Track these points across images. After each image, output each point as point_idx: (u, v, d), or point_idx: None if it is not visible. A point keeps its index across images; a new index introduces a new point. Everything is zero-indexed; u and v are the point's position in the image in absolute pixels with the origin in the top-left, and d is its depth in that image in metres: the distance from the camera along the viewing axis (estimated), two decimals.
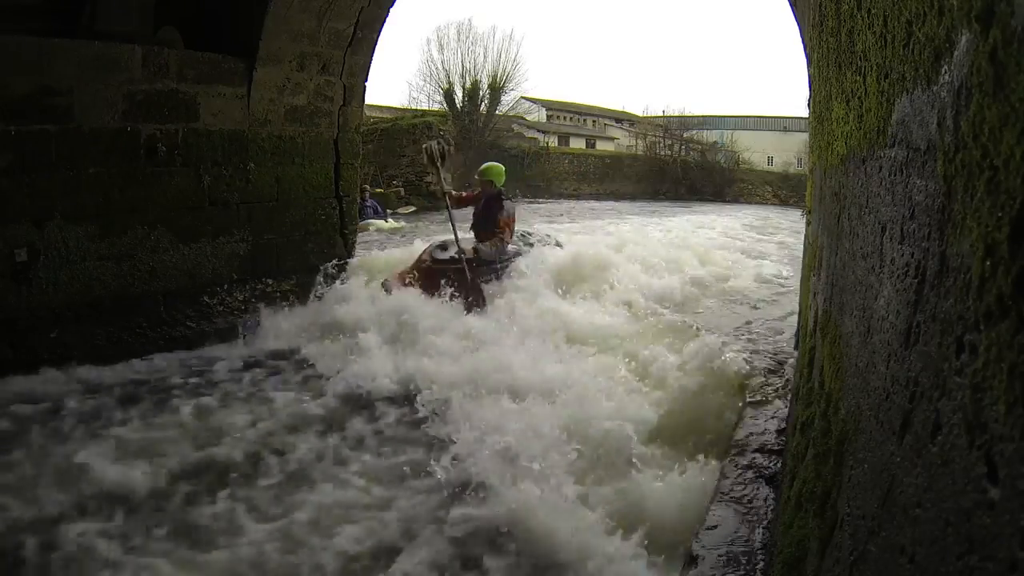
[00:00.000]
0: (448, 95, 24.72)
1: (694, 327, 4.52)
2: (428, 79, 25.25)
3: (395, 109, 22.99)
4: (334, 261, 5.57)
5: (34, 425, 3.28)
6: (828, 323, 1.48)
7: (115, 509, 2.57)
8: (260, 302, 5.02)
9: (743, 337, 4.54)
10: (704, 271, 7.07)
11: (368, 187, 13.00)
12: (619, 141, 34.00)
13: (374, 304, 4.88)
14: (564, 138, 32.43)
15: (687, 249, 8.14)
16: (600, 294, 5.46)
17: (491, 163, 6.07)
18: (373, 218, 11.09)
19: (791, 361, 3.45)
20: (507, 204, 5.55)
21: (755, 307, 5.93)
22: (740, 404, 3.21)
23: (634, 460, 2.76)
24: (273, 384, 4.01)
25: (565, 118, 36.84)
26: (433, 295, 4.83)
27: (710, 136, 30.39)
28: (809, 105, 2.64)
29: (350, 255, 5.89)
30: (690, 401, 3.23)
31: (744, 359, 3.55)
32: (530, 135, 28.75)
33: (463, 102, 24.62)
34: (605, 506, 2.48)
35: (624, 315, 4.95)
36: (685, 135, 29.58)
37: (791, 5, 3.42)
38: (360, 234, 9.56)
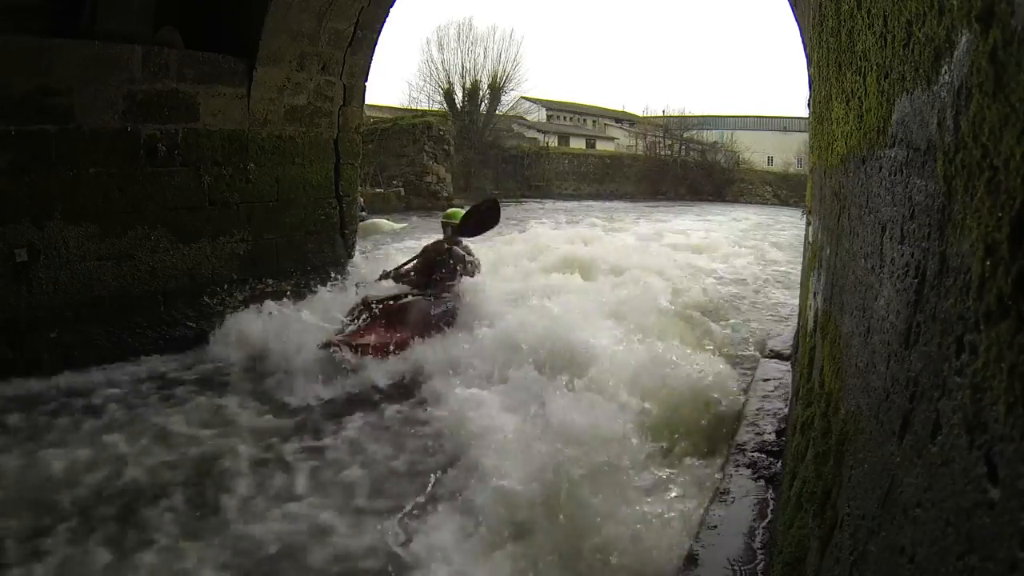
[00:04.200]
0: (448, 95, 24.75)
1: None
2: (428, 79, 25.32)
3: (395, 109, 23.03)
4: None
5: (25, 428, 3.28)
6: (828, 323, 1.48)
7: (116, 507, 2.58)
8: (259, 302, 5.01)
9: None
10: None
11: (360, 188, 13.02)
12: (619, 141, 34.03)
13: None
14: (564, 138, 32.46)
15: None
16: None
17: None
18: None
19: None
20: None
21: None
22: (740, 404, 3.21)
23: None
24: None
25: (565, 118, 36.87)
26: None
27: (710, 136, 30.45)
28: (809, 105, 2.63)
29: (350, 255, 5.90)
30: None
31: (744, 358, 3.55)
32: (530, 135, 28.79)
33: (463, 102, 24.65)
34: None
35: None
36: (685, 135, 29.63)
37: (791, 5, 3.42)
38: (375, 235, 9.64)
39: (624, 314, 4.80)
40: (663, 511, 2.42)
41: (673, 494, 2.59)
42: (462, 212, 5.25)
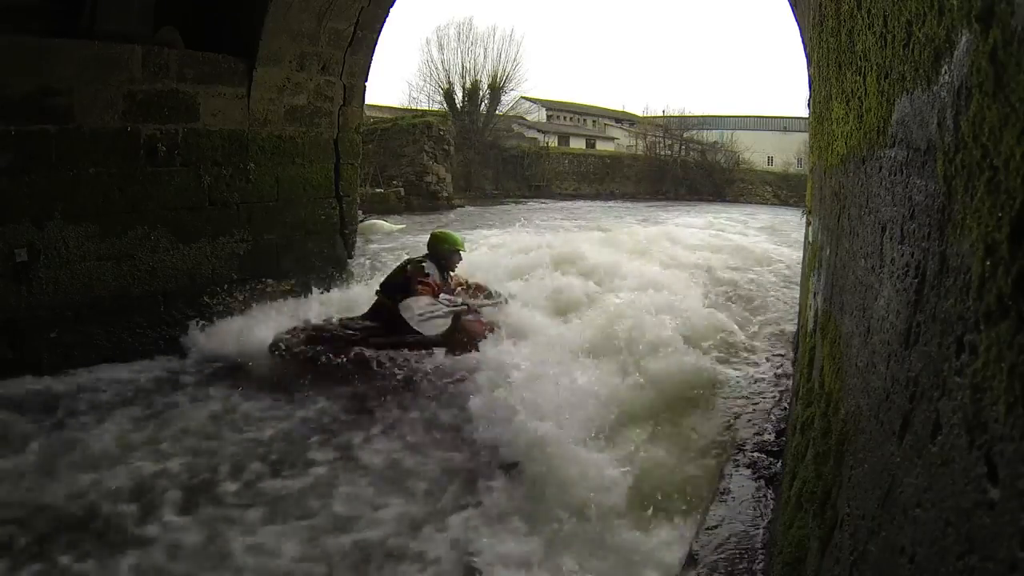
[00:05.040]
0: (448, 95, 24.77)
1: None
2: (428, 79, 25.35)
3: (395, 109, 23.05)
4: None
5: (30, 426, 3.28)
6: (828, 323, 1.48)
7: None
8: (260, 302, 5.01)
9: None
10: None
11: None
12: (619, 141, 34.04)
13: None
14: (564, 138, 32.47)
15: None
16: None
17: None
18: None
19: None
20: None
21: None
22: (740, 404, 3.21)
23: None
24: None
25: (565, 118, 36.87)
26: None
27: (710, 136, 30.46)
28: (809, 105, 2.63)
29: (350, 255, 5.90)
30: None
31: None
32: (530, 135, 28.79)
33: (463, 102, 24.66)
34: None
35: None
36: (685, 135, 29.63)
37: (791, 5, 3.42)
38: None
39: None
40: (663, 511, 2.42)
41: (673, 495, 2.58)
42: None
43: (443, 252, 4.51)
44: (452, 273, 4.59)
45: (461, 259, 4.65)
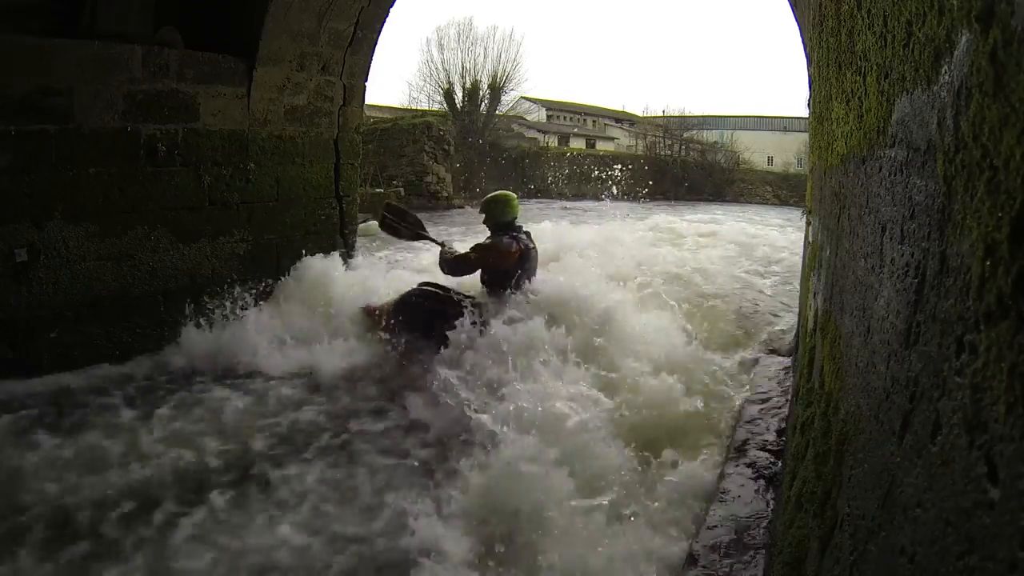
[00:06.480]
0: (448, 95, 24.72)
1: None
2: (428, 79, 25.29)
3: (395, 109, 23.02)
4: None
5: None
6: (828, 323, 1.48)
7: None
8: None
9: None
10: None
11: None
12: (619, 141, 34.03)
13: None
14: (564, 138, 32.45)
15: None
16: None
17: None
18: None
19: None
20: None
21: None
22: (740, 403, 3.21)
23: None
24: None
25: (565, 118, 36.87)
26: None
27: (710, 136, 30.46)
28: (809, 105, 2.64)
29: (350, 255, 5.89)
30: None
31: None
32: (530, 135, 28.77)
33: (463, 102, 24.62)
34: None
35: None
36: (685, 135, 29.62)
37: (791, 5, 3.42)
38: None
39: None
40: (662, 512, 2.42)
41: (672, 494, 2.58)
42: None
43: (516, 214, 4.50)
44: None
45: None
